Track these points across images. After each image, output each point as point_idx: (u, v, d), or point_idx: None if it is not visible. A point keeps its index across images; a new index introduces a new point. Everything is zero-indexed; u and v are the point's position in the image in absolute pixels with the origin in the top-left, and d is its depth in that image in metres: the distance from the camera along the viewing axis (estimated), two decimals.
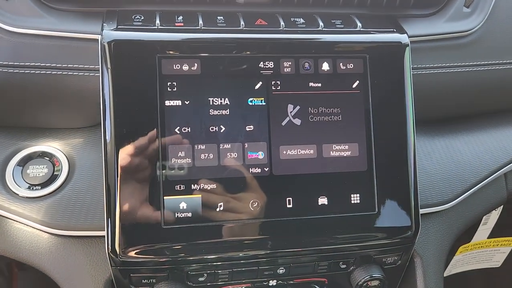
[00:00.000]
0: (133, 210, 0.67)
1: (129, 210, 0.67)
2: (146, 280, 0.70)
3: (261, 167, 0.72)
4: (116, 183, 0.67)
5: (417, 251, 0.80)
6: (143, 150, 0.68)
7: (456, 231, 0.85)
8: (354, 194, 0.74)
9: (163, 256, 0.68)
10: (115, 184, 0.67)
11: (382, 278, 0.76)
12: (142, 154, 0.68)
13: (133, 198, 0.67)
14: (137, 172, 0.68)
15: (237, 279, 0.74)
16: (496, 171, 0.88)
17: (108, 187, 0.67)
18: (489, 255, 1.16)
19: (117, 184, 0.67)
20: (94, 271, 0.72)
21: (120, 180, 0.67)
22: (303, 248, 0.72)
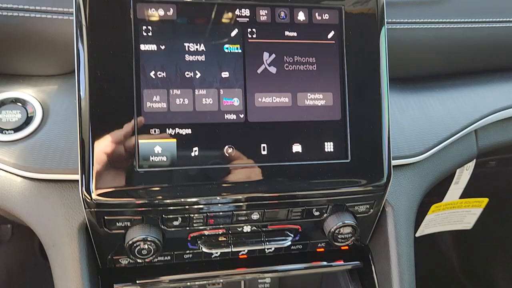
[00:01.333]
0: (107, 153, 0.67)
1: (103, 153, 0.67)
2: (120, 223, 0.71)
3: (236, 114, 0.73)
4: (90, 126, 0.67)
5: (389, 201, 0.82)
6: (117, 94, 0.68)
7: (427, 184, 0.87)
8: (328, 143, 0.76)
9: (137, 199, 0.69)
10: (89, 127, 0.67)
11: (355, 225, 0.78)
12: (117, 98, 0.68)
13: (107, 141, 0.67)
14: (111, 116, 0.68)
15: (212, 224, 0.75)
16: (467, 126, 0.90)
17: (81, 130, 0.67)
18: (461, 216, 1.19)
19: (91, 128, 0.67)
20: (68, 215, 0.72)
21: (94, 123, 0.67)
22: (276, 194, 0.73)
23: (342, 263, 0.89)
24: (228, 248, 0.77)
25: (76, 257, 0.71)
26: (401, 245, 0.82)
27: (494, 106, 0.93)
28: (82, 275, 0.71)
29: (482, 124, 0.92)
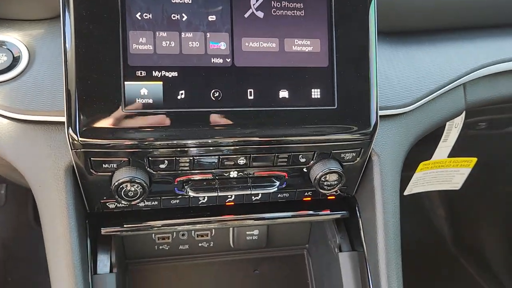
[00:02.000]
0: (93, 94, 0.67)
1: (89, 94, 0.67)
2: (106, 165, 0.71)
3: (223, 58, 0.72)
4: (75, 67, 0.67)
5: (375, 150, 0.83)
6: (104, 35, 0.68)
7: (414, 136, 0.88)
8: (315, 89, 0.76)
9: (122, 140, 0.69)
10: (75, 69, 0.67)
11: (340, 172, 0.78)
12: (103, 39, 0.68)
13: (93, 83, 0.67)
14: (98, 57, 0.67)
15: (198, 169, 0.76)
16: (455, 80, 0.90)
17: (67, 71, 0.67)
18: (449, 176, 1.20)
19: (77, 69, 0.67)
20: (54, 157, 0.72)
21: (80, 64, 0.67)
22: (262, 138, 0.74)
23: (328, 212, 0.90)
24: (215, 192, 0.78)
25: (62, 199, 0.72)
26: (387, 193, 0.83)
27: (484, 61, 0.93)
28: (69, 217, 0.72)
29: (471, 78, 0.92)
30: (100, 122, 0.68)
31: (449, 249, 2.21)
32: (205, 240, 0.99)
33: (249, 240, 0.99)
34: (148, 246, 0.96)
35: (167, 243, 0.97)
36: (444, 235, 2.22)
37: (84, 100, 0.67)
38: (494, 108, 1.14)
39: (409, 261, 2.22)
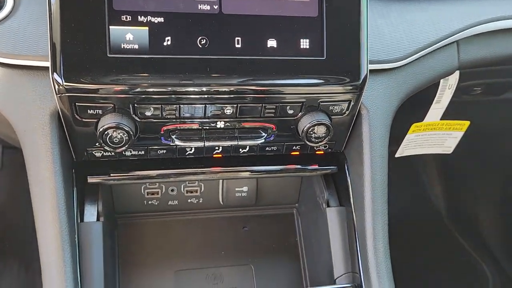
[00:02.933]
0: (77, 38, 0.67)
1: (74, 38, 0.66)
2: (91, 110, 0.71)
3: (210, 4, 0.71)
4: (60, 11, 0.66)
5: (365, 104, 0.83)
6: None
7: (405, 91, 0.87)
8: (303, 39, 0.75)
9: (106, 84, 0.68)
10: (60, 13, 0.66)
11: (328, 125, 0.78)
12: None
13: (78, 27, 0.66)
14: (82, 1, 0.67)
15: (184, 117, 0.76)
16: (449, 36, 0.89)
17: (52, 15, 0.66)
18: (442, 139, 1.20)
19: (62, 13, 0.66)
20: (39, 101, 0.72)
21: (65, 8, 0.66)
22: (249, 87, 0.73)
23: (317, 167, 0.90)
24: (201, 142, 0.78)
25: (48, 144, 0.72)
26: (375, 147, 0.83)
27: (479, 18, 0.92)
28: (54, 162, 0.72)
29: (465, 36, 0.91)
30: (84, 67, 0.67)
31: (444, 223, 2.23)
32: (195, 197, 0.99)
33: (238, 197, 0.99)
34: (137, 201, 0.97)
35: (156, 198, 0.97)
36: (440, 209, 2.23)
37: (68, 44, 0.66)
38: (489, 71, 1.12)
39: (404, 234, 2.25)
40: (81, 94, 0.69)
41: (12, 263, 1.77)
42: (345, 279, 0.85)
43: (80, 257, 0.77)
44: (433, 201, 2.27)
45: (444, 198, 2.24)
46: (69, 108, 0.71)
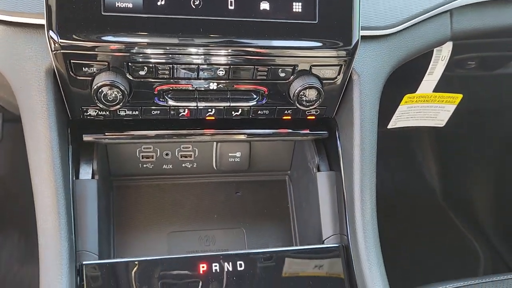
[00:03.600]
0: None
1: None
2: (86, 68, 0.72)
3: None
4: None
5: (356, 69, 0.84)
6: None
7: (396, 59, 0.88)
8: (296, 3, 0.76)
9: (100, 42, 0.70)
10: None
11: (320, 88, 0.79)
12: None
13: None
14: None
15: (177, 78, 0.77)
16: (442, 5, 0.89)
17: None
18: (434, 111, 1.21)
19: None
20: (35, 58, 0.73)
21: None
22: (241, 48, 0.74)
23: (308, 132, 0.92)
24: (194, 102, 0.79)
25: (43, 100, 0.73)
26: (365, 112, 0.84)
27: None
28: (49, 117, 0.73)
29: (459, 5, 0.91)
30: (79, 24, 0.69)
31: (438, 202, 2.25)
32: (189, 161, 1.01)
33: (232, 162, 1.01)
34: (132, 164, 0.99)
35: (151, 162, 0.99)
36: (435, 188, 2.25)
37: (63, 2, 0.68)
38: (483, 44, 1.13)
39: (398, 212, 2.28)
40: (75, 51, 0.70)
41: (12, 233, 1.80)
42: (333, 240, 0.87)
43: (74, 213, 0.79)
44: (428, 180, 2.29)
45: (439, 177, 2.26)
46: (64, 65, 0.72)
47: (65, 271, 0.71)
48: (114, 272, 0.75)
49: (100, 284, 0.74)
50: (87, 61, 0.72)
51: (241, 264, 0.78)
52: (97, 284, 0.74)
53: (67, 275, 0.71)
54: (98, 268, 0.75)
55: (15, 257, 1.77)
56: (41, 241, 0.74)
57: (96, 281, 0.74)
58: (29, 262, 1.74)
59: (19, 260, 1.77)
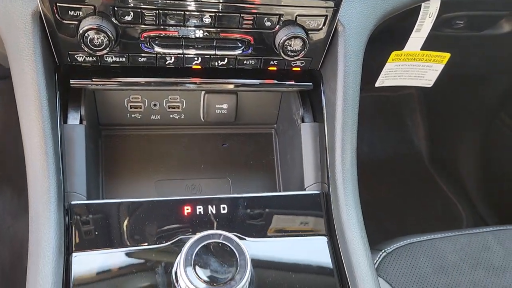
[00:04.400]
0: None
1: None
2: (72, 11, 0.73)
3: None
4: None
5: (341, 21, 0.85)
6: None
7: (382, 11, 0.88)
8: None
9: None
10: None
11: (304, 38, 0.81)
12: None
13: None
14: None
15: (164, 24, 0.78)
16: None
17: None
18: (422, 71, 1.23)
19: None
20: (22, 1, 0.73)
21: None
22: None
23: (293, 83, 0.94)
24: (180, 49, 0.80)
25: (30, 42, 0.74)
26: (349, 63, 0.85)
27: None
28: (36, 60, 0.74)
29: None
30: None
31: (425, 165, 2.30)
32: (176, 112, 1.03)
33: (219, 114, 1.03)
34: (121, 113, 1.00)
35: (139, 112, 1.01)
36: (422, 152, 2.29)
37: None
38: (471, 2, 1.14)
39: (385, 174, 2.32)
40: None
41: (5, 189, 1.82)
42: (315, 188, 0.90)
43: (62, 157, 0.81)
44: (415, 144, 2.33)
45: (427, 141, 2.30)
46: (50, 8, 0.73)
47: (54, 209, 0.73)
48: (102, 213, 0.78)
49: (88, 224, 0.77)
50: (73, 5, 0.73)
51: (224, 208, 0.81)
52: (85, 224, 0.76)
53: (55, 213, 0.73)
54: (87, 208, 0.77)
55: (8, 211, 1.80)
56: (30, 182, 0.76)
57: (84, 220, 0.77)
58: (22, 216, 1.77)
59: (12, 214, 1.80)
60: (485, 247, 1.10)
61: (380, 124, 2.34)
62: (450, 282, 1.01)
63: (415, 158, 2.30)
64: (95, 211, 0.77)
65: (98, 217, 0.77)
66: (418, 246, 1.07)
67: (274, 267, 0.77)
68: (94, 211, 0.77)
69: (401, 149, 2.33)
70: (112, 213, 0.77)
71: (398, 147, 2.34)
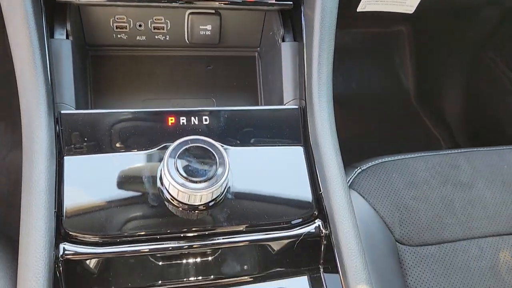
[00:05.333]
0: None
1: None
2: None
3: None
4: None
5: None
6: None
7: None
8: None
9: None
10: None
11: None
12: None
13: None
14: None
15: None
16: None
17: None
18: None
19: None
20: None
21: None
22: None
23: (274, 1, 0.96)
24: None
25: None
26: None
27: None
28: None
29: None
30: None
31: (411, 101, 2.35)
32: (161, 33, 1.05)
33: (203, 35, 1.05)
34: (106, 33, 1.02)
35: (125, 32, 1.03)
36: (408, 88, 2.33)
37: None
38: None
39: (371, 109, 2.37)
40: None
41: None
42: (293, 104, 0.95)
43: (51, 70, 0.84)
44: (402, 80, 2.37)
45: (414, 77, 2.33)
46: None
47: (44, 115, 0.78)
48: (91, 121, 0.82)
49: (77, 131, 0.82)
50: None
51: (206, 119, 0.86)
52: (74, 131, 0.81)
53: (46, 119, 0.78)
54: (76, 117, 0.82)
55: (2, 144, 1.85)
56: (21, 93, 0.80)
57: (74, 128, 0.81)
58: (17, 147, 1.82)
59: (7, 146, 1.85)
60: (454, 166, 1.17)
61: (368, 61, 2.37)
62: (420, 195, 1.09)
63: (402, 94, 2.34)
64: (84, 120, 0.82)
65: (87, 125, 0.82)
66: (391, 164, 1.14)
67: (251, 172, 0.83)
68: (83, 120, 0.82)
69: (388, 85, 2.37)
70: (101, 122, 0.82)
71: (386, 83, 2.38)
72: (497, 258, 1.04)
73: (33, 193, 0.72)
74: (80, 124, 0.81)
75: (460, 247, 1.05)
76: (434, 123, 2.25)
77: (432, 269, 1.00)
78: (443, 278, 1.00)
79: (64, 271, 0.73)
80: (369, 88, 2.36)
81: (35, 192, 0.72)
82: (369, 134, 2.23)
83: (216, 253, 0.80)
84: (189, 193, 0.72)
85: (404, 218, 1.05)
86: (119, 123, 0.82)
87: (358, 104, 2.27)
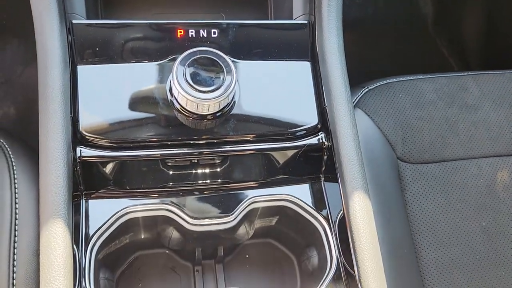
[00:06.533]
0: None
1: None
2: None
3: None
4: None
5: None
6: None
7: None
8: None
9: None
10: None
11: None
12: None
13: None
14: None
15: None
16: None
17: None
18: None
19: None
20: None
21: None
22: None
23: None
24: None
25: None
26: None
27: None
28: None
29: None
30: None
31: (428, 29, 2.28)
32: None
33: None
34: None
35: None
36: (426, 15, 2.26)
37: None
38: None
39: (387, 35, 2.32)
40: None
41: (11, 40, 1.87)
42: (302, 18, 0.94)
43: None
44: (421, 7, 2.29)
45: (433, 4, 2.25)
46: None
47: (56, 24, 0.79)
48: (103, 31, 0.83)
49: (89, 41, 0.83)
50: None
51: (215, 32, 0.87)
52: (86, 41, 0.83)
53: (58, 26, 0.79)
54: (88, 26, 0.83)
55: (17, 60, 1.88)
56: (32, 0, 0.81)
57: (86, 38, 0.83)
58: (31, 64, 1.85)
59: (21, 62, 1.88)
60: (462, 88, 1.17)
61: None
62: (425, 115, 1.11)
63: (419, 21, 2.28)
64: (96, 30, 0.83)
65: (99, 35, 0.83)
66: (399, 84, 1.15)
67: (258, 85, 0.85)
68: (95, 30, 0.83)
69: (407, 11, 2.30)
70: (112, 32, 0.83)
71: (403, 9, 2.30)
72: (494, 177, 1.07)
73: (49, 98, 0.76)
74: (91, 34, 0.83)
75: (459, 166, 1.08)
76: (450, 53, 2.20)
77: (430, 185, 1.04)
78: (440, 194, 1.05)
79: (82, 172, 0.78)
80: (385, 15, 2.29)
81: (51, 97, 0.76)
82: (381, 58, 2.20)
83: (224, 160, 0.84)
84: (197, 102, 0.75)
85: (407, 136, 1.08)
86: (130, 34, 0.84)
87: (374, 29, 2.22)
